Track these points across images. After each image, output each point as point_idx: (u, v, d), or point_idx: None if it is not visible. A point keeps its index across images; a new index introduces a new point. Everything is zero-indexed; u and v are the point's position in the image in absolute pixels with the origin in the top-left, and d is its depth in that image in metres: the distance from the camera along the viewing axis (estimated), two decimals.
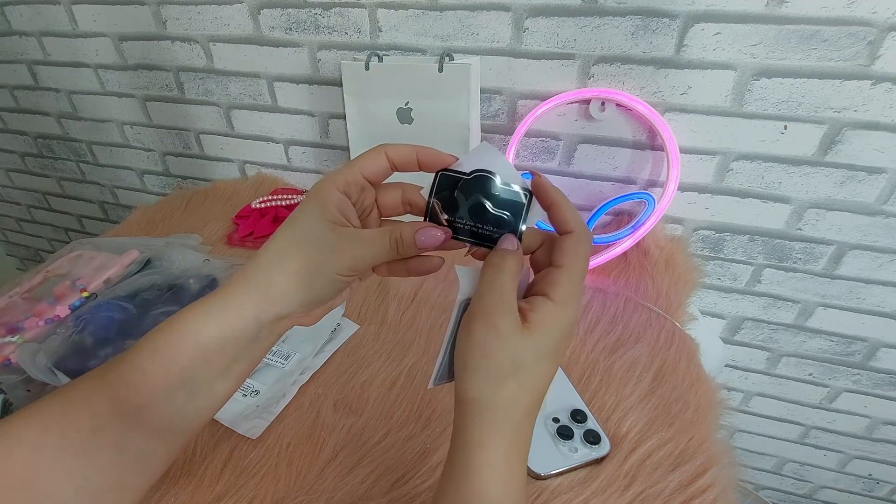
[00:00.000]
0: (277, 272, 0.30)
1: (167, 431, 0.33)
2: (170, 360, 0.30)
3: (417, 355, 0.56)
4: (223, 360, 0.31)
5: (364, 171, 0.31)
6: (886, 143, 0.62)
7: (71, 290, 0.61)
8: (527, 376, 0.28)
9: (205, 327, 0.30)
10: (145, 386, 0.30)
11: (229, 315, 0.30)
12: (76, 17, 0.91)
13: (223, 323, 0.30)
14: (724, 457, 0.45)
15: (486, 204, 0.30)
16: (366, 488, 0.43)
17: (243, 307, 0.30)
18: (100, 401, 0.30)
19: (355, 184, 0.31)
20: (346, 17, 0.74)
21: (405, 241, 0.30)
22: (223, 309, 0.30)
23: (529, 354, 0.28)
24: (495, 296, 0.28)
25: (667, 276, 0.68)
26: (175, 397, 0.31)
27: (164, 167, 1.09)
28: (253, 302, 0.30)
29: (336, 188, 0.30)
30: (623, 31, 0.63)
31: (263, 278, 0.30)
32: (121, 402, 0.30)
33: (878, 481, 0.97)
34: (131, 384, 0.30)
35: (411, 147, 0.32)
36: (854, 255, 0.71)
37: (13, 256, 1.61)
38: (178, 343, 0.30)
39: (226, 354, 0.31)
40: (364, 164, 0.31)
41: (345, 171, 0.31)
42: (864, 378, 0.84)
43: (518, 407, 0.29)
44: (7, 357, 0.51)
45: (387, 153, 0.32)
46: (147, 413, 0.31)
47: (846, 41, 0.57)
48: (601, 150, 0.73)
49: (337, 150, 0.88)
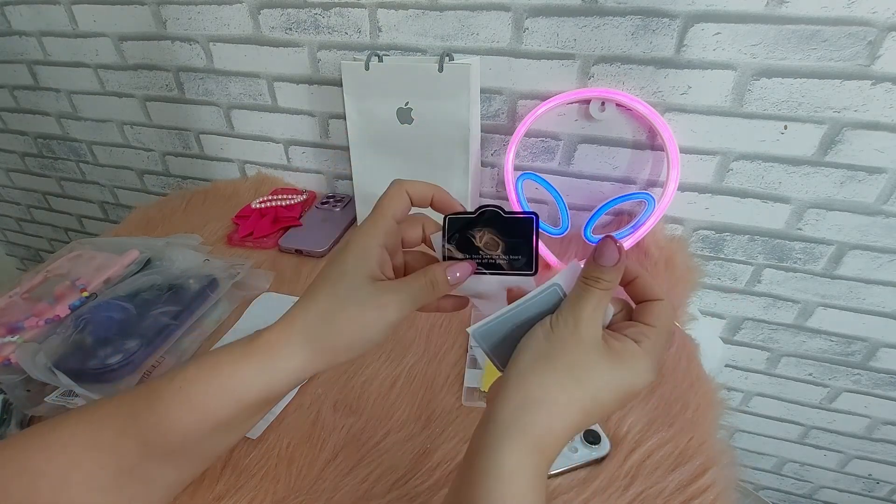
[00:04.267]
0: (326, 332, 0.30)
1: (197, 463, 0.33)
2: (209, 414, 0.30)
3: (417, 355, 0.56)
4: (262, 410, 0.32)
5: (395, 216, 0.32)
6: (886, 143, 0.62)
7: (71, 290, 0.61)
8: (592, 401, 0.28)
9: (249, 386, 0.30)
10: (181, 435, 0.30)
11: (275, 374, 0.30)
12: (76, 17, 0.91)
13: (268, 380, 0.30)
14: (724, 457, 0.45)
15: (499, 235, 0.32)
16: (366, 488, 0.43)
17: (289, 366, 0.30)
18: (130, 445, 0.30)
19: (392, 233, 0.32)
20: (346, 17, 0.74)
21: (439, 282, 0.31)
22: (268, 368, 0.30)
23: (603, 381, 0.28)
24: (588, 307, 0.28)
25: (667, 276, 0.68)
26: (209, 439, 0.31)
27: (164, 167, 1.09)
28: (300, 360, 0.30)
29: (378, 244, 0.31)
30: (623, 31, 0.63)
31: (312, 338, 0.30)
32: (153, 447, 0.30)
33: (878, 481, 0.97)
34: (165, 433, 0.30)
35: (429, 186, 0.34)
36: (854, 255, 0.71)
37: (13, 256, 1.61)
38: (216, 397, 0.30)
39: (266, 402, 0.32)
40: (393, 208, 0.32)
41: (380, 223, 0.32)
42: (864, 378, 0.84)
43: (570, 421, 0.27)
44: (7, 357, 0.51)
45: (407, 191, 0.33)
46: (181, 453, 0.31)
47: (846, 41, 0.57)
48: (601, 150, 0.73)
49: (337, 150, 0.88)
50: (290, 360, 0.30)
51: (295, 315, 0.31)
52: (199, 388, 0.30)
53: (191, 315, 0.58)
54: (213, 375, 0.30)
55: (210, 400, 0.30)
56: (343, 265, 0.31)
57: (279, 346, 0.30)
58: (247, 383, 0.30)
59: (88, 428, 0.31)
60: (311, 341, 0.30)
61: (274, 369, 0.30)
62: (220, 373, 0.30)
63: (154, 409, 0.30)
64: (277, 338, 0.31)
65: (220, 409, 0.30)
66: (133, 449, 0.30)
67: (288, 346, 0.30)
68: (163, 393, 0.30)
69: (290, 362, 0.30)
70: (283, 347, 0.30)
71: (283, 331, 0.31)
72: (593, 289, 0.29)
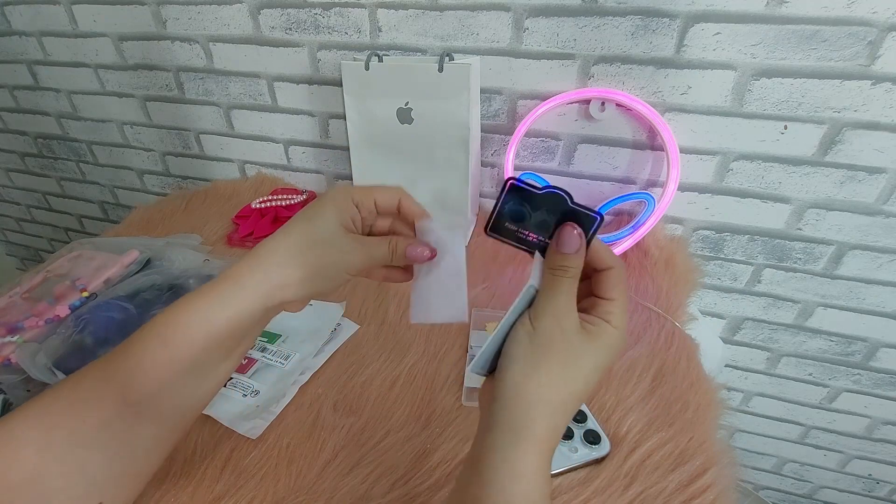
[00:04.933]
0: (292, 264, 0.32)
1: (176, 415, 0.34)
2: (180, 350, 0.31)
3: (417, 355, 0.56)
4: (230, 344, 0.33)
5: (378, 201, 0.35)
6: (886, 143, 0.62)
7: (71, 290, 0.61)
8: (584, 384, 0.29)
9: (217, 315, 0.31)
10: (154, 377, 0.31)
11: (242, 301, 0.31)
12: (76, 17, 0.91)
13: (235, 309, 0.31)
14: (724, 457, 0.45)
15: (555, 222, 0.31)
16: (366, 488, 0.43)
17: (256, 294, 0.32)
18: (106, 396, 0.31)
19: (367, 206, 0.35)
20: (346, 17, 0.74)
21: (398, 253, 0.34)
22: (236, 296, 0.32)
23: (590, 364, 0.29)
24: (562, 297, 0.29)
25: (667, 276, 0.68)
26: (184, 384, 0.32)
27: (164, 167, 1.09)
28: (265, 289, 0.32)
29: (352, 200, 0.34)
30: (623, 31, 0.63)
31: (277, 269, 0.32)
32: (130, 391, 0.31)
33: (878, 481, 0.97)
34: (138, 376, 0.31)
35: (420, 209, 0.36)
36: (854, 255, 0.71)
37: (13, 256, 1.61)
38: (188, 332, 0.31)
39: (233, 338, 0.32)
40: (379, 195, 0.35)
41: (361, 192, 0.34)
42: (864, 378, 0.84)
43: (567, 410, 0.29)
44: (7, 357, 0.51)
45: (400, 199, 0.35)
46: (157, 399, 0.32)
47: (846, 41, 0.57)
48: (601, 150, 0.73)
49: (337, 150, 0.88)
50: (256, 291, 0.32)
51: (263, 247, 0.33)
52: (169, 326, 0.31)
53: None
54: (181, 312, 0.31)
55: (182, 337, 0.31)
56: (316, 210, 0.33)
57: (244, 277, 0.32)
58: (214, 315, 0.31)
59: (68, 386, 0.32)
60: (277, 275, 0.32)
61: (240, 300, 0.31)
62: (187, 308, 0.31)
63: (128, 354, 0.31)
64: (241, 270, 0.32)
65: (193, 345, 0.31)
66: (111, 396, 0.31)
67: (252, 277, 0.32)
68: (136, 338, 0.31)
69: (256, 293, 0.32)
70: (248, 278, 0.32)
71: (247, 263, 0.32)
72: (563, 278, 0.29)
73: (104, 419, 0.31)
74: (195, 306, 0.31)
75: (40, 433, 0.30)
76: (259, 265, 0.32)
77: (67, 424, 0.30)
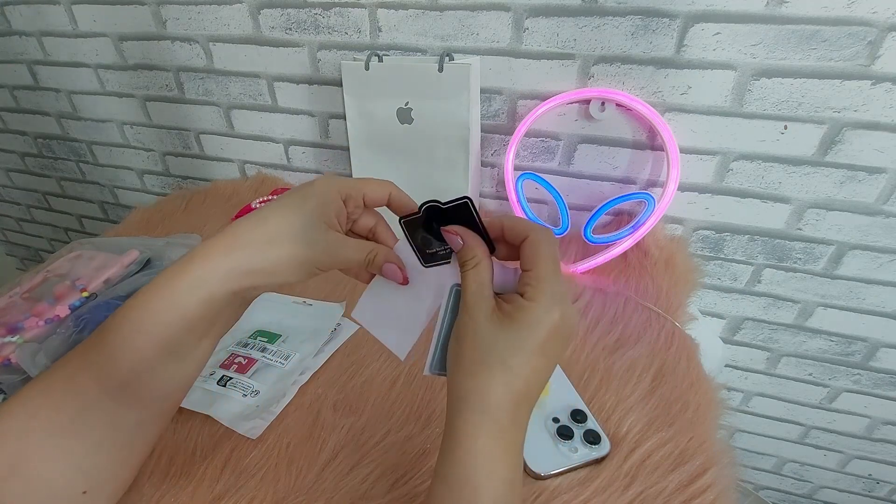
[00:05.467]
0: (267, 252, 0.31)
1: (157, 399, 0.33)
2: (154, 333, 0.30)
3: (417, 355, 0.56)
4: (204, 325, 0.32)
5: (366, 195, 0.34)
6: (886, 143, 0.62)
7: (71, 290, 0.61)
8: (505, 370, 0.29)
9: (188, 298, 0.30)
10: (131, 360, 0.30)
11: (212, 285, 0.30)
12: (76, 17, 0.91)
13: (206, 291, 0.30)
14: (724, 457, 0.45)
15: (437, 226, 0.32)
16: (366, 488, 0.43)
17: (228, 277, 0.31)
18: (84, 381, 0.31)
19: (355, 200, 0.34)
20: (346, 17, 0.74)
21: (376, 263, 0.34)
22: (206, 279, 0.30)
23: (506, 347, 0.28)
24: (469, 291, 0.30)
25: (667, 276, 0.68)
26: (162, 368, 0.31)
27: (164, 167, 1.09)
28: (237, 274, 0.31)
29: (339, 195, 0.33)
30: (623, 31, 0.63)
31: (251, 255, 0.31)
32: (107, 379, 0.30)
33: (878, 481, 0.97)
34: (115, 363, 0.30)
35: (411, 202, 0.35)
36: (854, 255, 0.71)
37: (13, 256, 1.61)
38: (162, 314, 0.30)
39: (206, 319, 0.31)
40: (368, 189, 0.34)
41: (350, 185, 0.33)
42: (864, 378, 0.84)
43: (496, 399, 0.29)
44: (7, 357, 0.51)
45: (391, 193, 0.34)
46: (135, 385, 0.31)
47: (846, 41, 0.57)
48: (601, 150, 0.73)
49: (337, 150, 0.88)
50: (229, 274, 0.31)
51: (238, 228, 0.32)
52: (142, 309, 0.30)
53: None
54: (152, 296, 0.31)
55: (156, 319, 0.30)
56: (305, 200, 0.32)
57: (217, 258, 0.31)
58: (185, 298, 0.30)
59: (44, 376, 0.31)
60: (249, 261, 0.31)
61: (211, 283, 0.30)
62: (159, 293, 0.31)
63: (103, 342, 0.31)
64: (214, 251, 0.31)
65: (168, 327, 0.30)
66: (88, 384, 0.30)
67: (226, 261, 0.31)
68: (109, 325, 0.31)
69: (228, 277, 0.31)
70: (222, 262, 0.31)
71: (221, 244, 0.31)
72: (466, 272, 0.31)
73: (82, 406, 0.30)
74: (167, 290, 0.30)
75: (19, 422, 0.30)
76: (233, 248, 0.31)
77: (46, 412, 0.30)
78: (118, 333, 0.30)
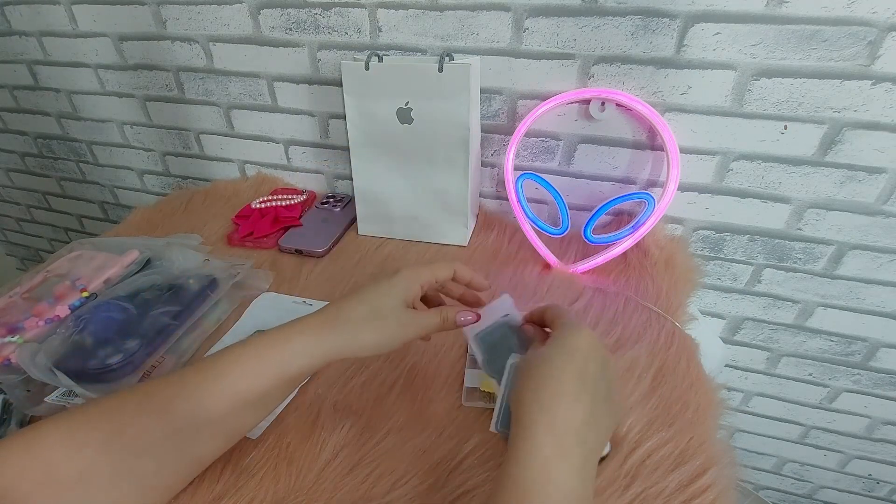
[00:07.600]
0: (363, 329, 0.39)
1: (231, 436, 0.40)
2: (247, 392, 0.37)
3: (417, 356, 0.56)
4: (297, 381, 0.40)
5: (438, 278, 0.43)
6: (886, 143, 0.62)
7: (71, 290, 0.61)
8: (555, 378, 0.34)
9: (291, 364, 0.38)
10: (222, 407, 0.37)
11: (315, 354, 0.38)
12: (76, 17, 0.91)
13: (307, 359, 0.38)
14: (724, 457, 0.45)
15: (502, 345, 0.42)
16: (366, 488, 0.43)
17: (330, 349, 0.38)
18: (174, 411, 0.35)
19: (430, 285, 0.43)
20: (346, 17, 0.74)
21: (450, 320, 0.42)
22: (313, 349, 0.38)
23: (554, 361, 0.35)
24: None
25: (667, 276, 0.68)
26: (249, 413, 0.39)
27: (164, 167, 1.09)
28: (338, 346, 0.39)
29: (420, 285, 0.42)
30: (623, 31, 0.63)
31: (351, 332, 0.39)
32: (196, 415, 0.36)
33: (879, 481, 0.97)
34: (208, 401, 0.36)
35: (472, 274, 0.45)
36: (854, 255, 0.71)
37: (13, 256, 1.61)
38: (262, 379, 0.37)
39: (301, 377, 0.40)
40: (440, 273, 0.43)
41: (427, 273, 0.42)
42: (864, 378, 0.84)
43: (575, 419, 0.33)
44: (7, 357, 0.51)
45: (456, 270, 0.44)
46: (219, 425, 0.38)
47: (846, 41, 0.57)
48: (601, 150, 0.73)
49: (337, 150, 0.88)
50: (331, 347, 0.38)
51: (341, 310, 0.40)
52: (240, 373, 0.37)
53: (191, 315, 0.58)
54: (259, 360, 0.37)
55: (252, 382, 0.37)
56: (393, 288, 0.40)
57: (322, 332, 0.39)
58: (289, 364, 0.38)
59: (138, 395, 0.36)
60: (349, 337, 0.39)
61: (315, 354, 0.38)
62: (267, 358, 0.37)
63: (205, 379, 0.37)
64: (321, 325, 0.39)
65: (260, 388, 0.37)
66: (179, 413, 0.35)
67: (331, 335, 0.39)
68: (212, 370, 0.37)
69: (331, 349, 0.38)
70: (328, 336, 0.38)
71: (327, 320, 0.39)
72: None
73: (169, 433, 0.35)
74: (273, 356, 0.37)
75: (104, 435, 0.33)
76: (338, 326, 0.39)
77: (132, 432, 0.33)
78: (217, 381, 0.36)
